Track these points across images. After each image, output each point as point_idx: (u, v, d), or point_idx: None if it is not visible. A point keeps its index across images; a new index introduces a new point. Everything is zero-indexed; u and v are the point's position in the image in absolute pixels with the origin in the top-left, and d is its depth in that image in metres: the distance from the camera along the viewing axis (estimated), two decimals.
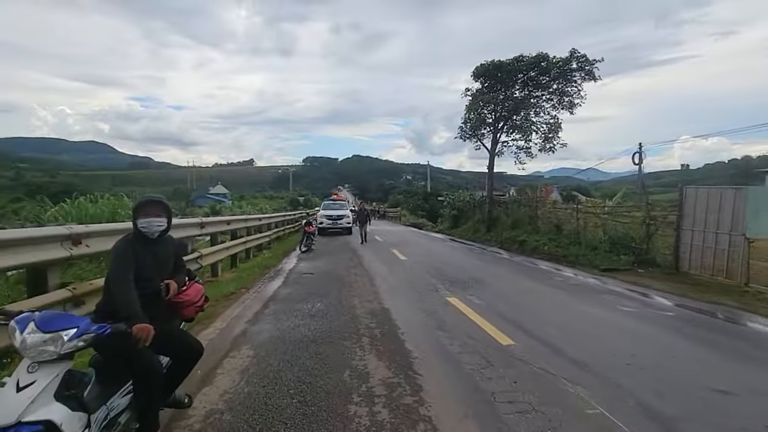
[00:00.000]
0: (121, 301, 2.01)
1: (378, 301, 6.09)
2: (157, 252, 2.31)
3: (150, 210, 2.28)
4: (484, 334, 4.51)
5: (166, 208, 2.34)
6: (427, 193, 61.74)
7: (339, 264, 9.95)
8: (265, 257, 11.05)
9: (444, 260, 10.83)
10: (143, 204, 2.31)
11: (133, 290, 2.05)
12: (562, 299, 6.47)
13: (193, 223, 6.29)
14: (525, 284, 7.79)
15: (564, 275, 8.91)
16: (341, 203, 22.21)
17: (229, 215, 15.91)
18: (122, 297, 2.02)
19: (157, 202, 2.34)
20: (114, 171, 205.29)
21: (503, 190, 34.30)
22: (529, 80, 17.55)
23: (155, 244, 2.31)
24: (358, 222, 16.22)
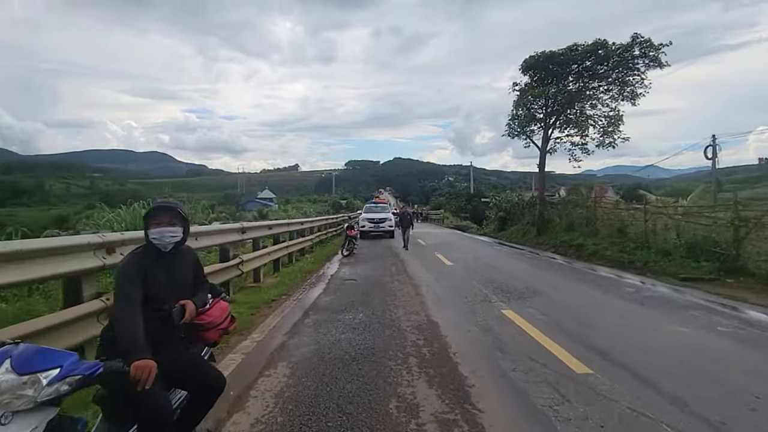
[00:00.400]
0: (120, 331, 1.69)
1: (425, 312, 5.57)
2: (172, 267, 1.98)
3: (162, 218, 1.95)
4: (552, 357, 3.85)
5: (181, 216, 2.00)
6: (471, 195, 60.06)
7: (382, 270, 9.54)
8: (307, 261, 10.90)
9: (494, 266, 10.07)
10: (154, 212, 1.98)
11: (136, 317, 1.72)
12: (642, 315, 5.57)
13: (234, 229, 6.16)
14: (591, 295, 6.90)
15: (635, 285, 7.86)
16: (383, 206, 21.89)
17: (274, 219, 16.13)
18: (122, 325, 1.70)
19: (169, 208, 2.01)
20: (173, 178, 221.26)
21: (552, 190, 32.33)
22: (584, 71, 16.20)
23: (170, 258, 1.97)
24: (401, 226, 15.29)
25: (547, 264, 11.01)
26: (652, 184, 75.13)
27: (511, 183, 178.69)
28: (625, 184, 57.37)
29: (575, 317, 5.35)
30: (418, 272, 9.09)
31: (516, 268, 9.85)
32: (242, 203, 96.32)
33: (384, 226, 19.56)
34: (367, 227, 18.89)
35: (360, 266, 10.21)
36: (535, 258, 12.29)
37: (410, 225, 15.07)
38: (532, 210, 20.39)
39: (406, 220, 15.12)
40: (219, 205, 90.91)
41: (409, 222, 15.07)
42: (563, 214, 16.93)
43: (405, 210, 16.58)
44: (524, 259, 11.96)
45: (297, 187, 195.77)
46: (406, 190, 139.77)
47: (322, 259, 11.56)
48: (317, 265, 10.49)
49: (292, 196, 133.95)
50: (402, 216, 15.49)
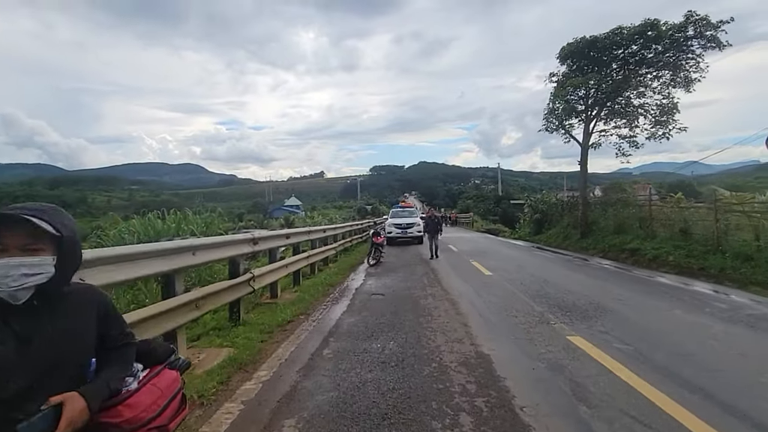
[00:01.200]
0: None
1: (470, 340, 4.51)
2: (38, 327, 1.07)
3: (9, 239, 1.04)
4: (662, 414, 2.72)
5: (51, 235, 1.08)
6: (499, 197, 57.98)
7: (412, 281, 8.52)
8: (330, 272, 10.04)
9: (541, 275, 8.83)
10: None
11: None
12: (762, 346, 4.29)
13: (243, 240, 5.34)
14: (675, 314, 5.59)
15: (723, 298, 6.47)
16: (410, 210, 20.85)
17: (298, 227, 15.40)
18: None
19: (21, 219, 1.03)
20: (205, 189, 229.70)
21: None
22: (629, 56, 14.65)
23: (36, 310, 1.08)
24: (427, 232, 13.35)
25: (602, 272, 9.63)
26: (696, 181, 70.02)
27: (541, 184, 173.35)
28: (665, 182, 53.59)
29: (668, 347, 4.14)
30: (454, 284, 8.01)
31: (568, 278, 8.56)
32: (270, 211, 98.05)
33: (412, 231, 18.52)
34: (393, 233, 17.93)
35: (388, 277, 9.23)
36: (585, 265, 10.89)
37: (438, 231, 13.18)
38: (573, 211, 18.78)
39: (432, 225, 13.12)
40: (248, 213, 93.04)
41: (436, 227, 13.11)
42: (610, 215, 15.35)
43: (432, 213, 14.16)
44: (573, 267, 10.60)
45: (323, 193, 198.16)
46: (431, 194, 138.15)
47: (346, 269, 10.67)
48: (341, 276, 9.60)
49: (318, 202, 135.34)
50: (428, 220, 13.54)
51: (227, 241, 4.89)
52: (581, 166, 16.64)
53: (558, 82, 16.06)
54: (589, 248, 14.73)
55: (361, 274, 9.99)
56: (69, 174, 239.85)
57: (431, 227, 13.15)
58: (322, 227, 10.45)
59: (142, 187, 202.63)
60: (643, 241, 12.36)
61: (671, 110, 13.89)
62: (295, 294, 7.35)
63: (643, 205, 13.55)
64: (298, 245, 8.55)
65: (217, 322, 5.49)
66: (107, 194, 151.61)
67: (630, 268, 10.08)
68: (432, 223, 13.27)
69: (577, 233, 16.71)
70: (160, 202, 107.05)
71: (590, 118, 15.78)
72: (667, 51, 13.98)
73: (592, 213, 16.42)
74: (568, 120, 16.38)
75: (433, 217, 13.62)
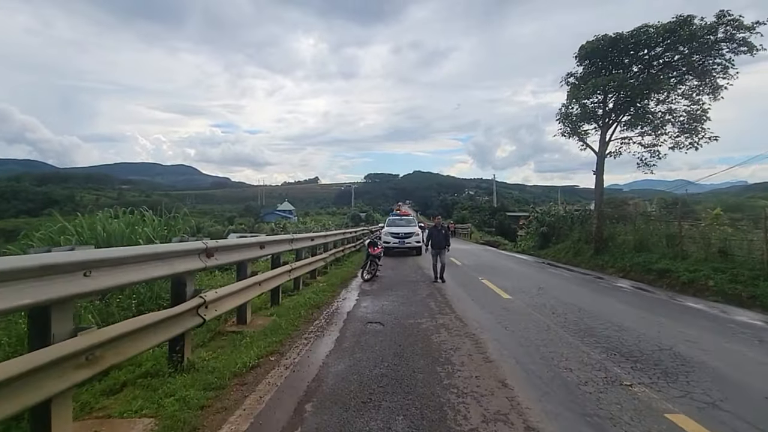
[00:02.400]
0: None
1: (520, 415, 2.95)
2: None
3: None
4: None
5: None
6: (495, 209, 56.88)
7: (417, 304, 6.96)
8: (318, 288, 8.43)
9: (570, 301, 7.32)
10: None
11: None
12: None
13: (188, 251, 3.74)
14: None
15: None
16: (408, 219, 19.35)
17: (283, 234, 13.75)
18: None
19: None
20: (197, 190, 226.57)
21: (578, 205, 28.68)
22: (653, 59, 13.44)
23: None
24: (431, 246, 10.29)
25: (639, 299, 8.13)
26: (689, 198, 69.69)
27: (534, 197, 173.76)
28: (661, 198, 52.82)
29: None
30: (470, 311, 6.47)
31: (606, 306, 7.04)
32: (262, 215, 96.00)
33: (410, 242, 17.01)
34: (390, 243, 16.39)
35: (386, 297, 7.65)
36: (614, 288, 9.39)
37: (445, 245, 10.18)
38: (585, 225, 17.43)
39: (438, 238, 10.19)
40: (239, 216, 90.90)
41: (443, 241, 10.15)
42: (630, 230, 13.98)
43: (439, 223, 11.04)
44: (602, 290, 9.11)
45: (317, 199, 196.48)
46: (425, 204, 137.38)
47: (336, 284, 9.08)
48: (330, 294, 8.00)
49: (312, 208, 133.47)
50: (434, 232, 10.48)
51: (157, 253, 3.29)
52: (597, 176, 15.28)
53: (573, 85, 14.80)
54: (606, 266, 13.32)
55: (354, 291, 8.40)
56: (59, 171, 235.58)
57: (437, 240, 10.22)
58: (309, 235, 8.84)
59: (133, 186, 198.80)
60: (672, 261, 10.97)
61: (700, 117, 12.63)
62: (271, 318, 5.76)
63: (671, 221, 12.18)
64: (278, 256, 6.97)
65: (156, 362, 3.90)
66: (96, 193, 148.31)
67: (675, 296, 8.60)
68: (438, 235, 10.34)
69: (590, 249, 15.31)
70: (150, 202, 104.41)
71: (608, 124, 14.50)
72: (694, 54, 12.77)
73: (608, 227, 15.05)
74: (583, 125, 15.10)
75: (439, 228, 10.62)
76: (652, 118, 13.09)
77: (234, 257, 4.74)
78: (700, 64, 12.84)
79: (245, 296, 5.09)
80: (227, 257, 4.48)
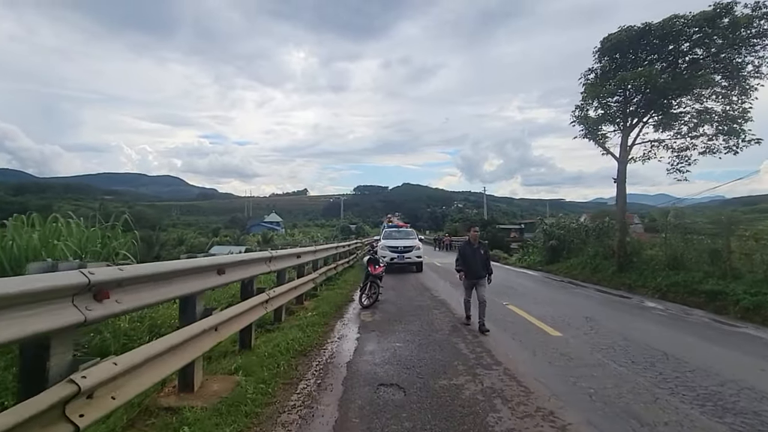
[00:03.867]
0: None
1: None
2: None
3: None
4: None
5: None
6: (486, 221, 55.79)
7: (442, 347, 5.08)
8: (306, 320, 6.46)
9: (646, 342, 5.51)
10: None
11: None
12: None
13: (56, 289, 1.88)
14: None
15: None
16: (407, 231, 17.52)
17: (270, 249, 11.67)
18: None
19: None
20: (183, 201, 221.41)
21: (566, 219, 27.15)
22: (679, 55, 12.11)
23: None
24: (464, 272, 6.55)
25: (724, 336, 6.36)
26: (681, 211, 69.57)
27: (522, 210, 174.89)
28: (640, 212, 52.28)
29: None
30: (521, 360, 4.62)
31: (700, 351, 5.20)
32: (248, 227, 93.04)
33: (410, 256, 15.18)
34: (388, 257, 14.51)
35: (396, 334, 5.77)
36: (678, 319, 7.57)
37: (486, 275, 6.45)
38: (603, 239, 15.87)
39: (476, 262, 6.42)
40: (225, 228, 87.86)
41: (483, 267, 6.43)
42: (660, 245, 12.42)
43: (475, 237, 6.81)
44: (664, 321, 7.31)
45: (305, 211, 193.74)
46: (415, 216, 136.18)
47: (330, 313, 7.14)
48: (321, 328, 6.07)
49: (300, 220, 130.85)
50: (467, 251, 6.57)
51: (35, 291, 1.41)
52: (618, 184, 13.75)
53: (592, 82, 13.36)
54: (634, 286, 11.68)
55: (353, 325, 6.49)
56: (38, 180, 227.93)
57: (474, 265, 6.39)
58: (294, 251, 6.89)
59: (116, 197, 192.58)
60: (720, 281, 9.36)
61: (740, 117, 11.23)
62: (233, 379, 3.83)
63: (714, 234, 10.62)
64: (251, 281, 5.05)
65: None
66: (76, 203, 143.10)
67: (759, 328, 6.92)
68: (474, 256, 6.43)
69: (611, 265, 13.69)
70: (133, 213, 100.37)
71: (630, 126, 13.06)
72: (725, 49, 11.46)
73: (634, 242, 13.48)
74: (602, 128, 13.65)
75: (476, 246, 6.55)
76: (686, 119, 11.67)
77: (160, 295, 2.81)
78: (730, 61, 11.55)
79: (186, 355, 3.16)
80: (133, 301, 2.53)
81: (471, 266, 6.44)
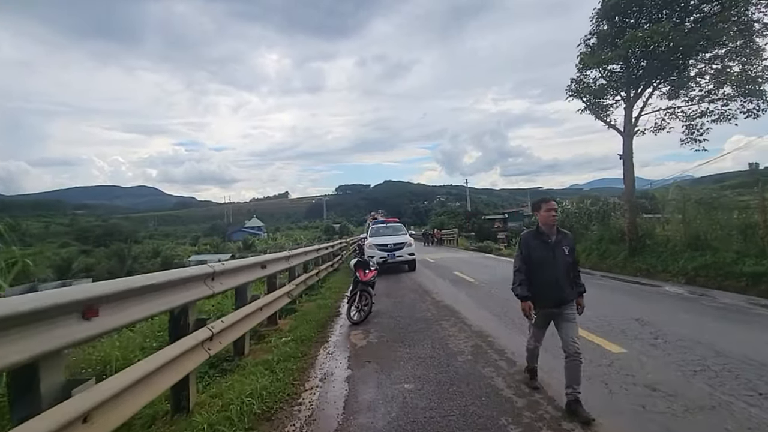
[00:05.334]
0: None
1: None
2: None
3: None
4: None
5: None
6: (470, 213, 55.03)
7: (473, 389, 3.51)
8: (279, 350, 4.77)
9: (731, 353, 4.11)
10: None
11: None
12: None
13: None
14: None
15: None
16: (396, 227, 15.93)
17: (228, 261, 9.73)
18: None
19: None
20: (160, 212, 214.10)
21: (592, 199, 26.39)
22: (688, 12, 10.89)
23: None
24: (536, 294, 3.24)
25: None
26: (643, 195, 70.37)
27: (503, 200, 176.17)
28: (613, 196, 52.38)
29: None
30: (587, 395, 3.09)
31: None
32: (229, 233, 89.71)
33: (401, 254, 13.63)
34: (377, 257, 12.88)
35: (402, 367, 4.17)
36: (741, 311, 6.26)
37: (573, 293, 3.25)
38: (606, 221, 14.70)
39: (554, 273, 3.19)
40: (204, 236, 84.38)
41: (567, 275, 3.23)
42: (678, 224, 11.21)
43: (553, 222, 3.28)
44: (724, 315, 5.97)
45: (288, 214, 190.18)
46: (398, 212, 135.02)
47: (310, 338, 5.47)
48: (296, 370, 4.37)
49: (283, 223, 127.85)
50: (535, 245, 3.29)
51: None
52: (624, 160, 12.51)
53: (591, 49, 12.03)
54: (653, 271, 10.48)
55: (341, 354, 4.85)
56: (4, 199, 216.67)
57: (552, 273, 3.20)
58: (254, 260, 5.13)
59: (89, 211, 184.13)
60: (760, 260, 8.16)
61: (761, 77, 10.07)
62: None
63: (746, 207, 9.41)
64: (184, 310, 3.36)
65: None
66: (46, 220, 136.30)
67: None
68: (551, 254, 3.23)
69: (621, 250, 12.49)
70: (107, 227, 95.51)
71: (637, 95, 11.82)
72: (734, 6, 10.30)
73: (645, 223, 12.29)
74: (605, 98, 12.38)
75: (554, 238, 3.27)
76: (701, 82, 10.45)
77: None
78: (740, 18, 10.41)
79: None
80: None
81: (546, 278, 3.18)
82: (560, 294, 3.18)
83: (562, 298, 3.18)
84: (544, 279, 3.18)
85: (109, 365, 3.85)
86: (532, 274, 3.23)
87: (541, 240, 3.27)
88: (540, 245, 3.25)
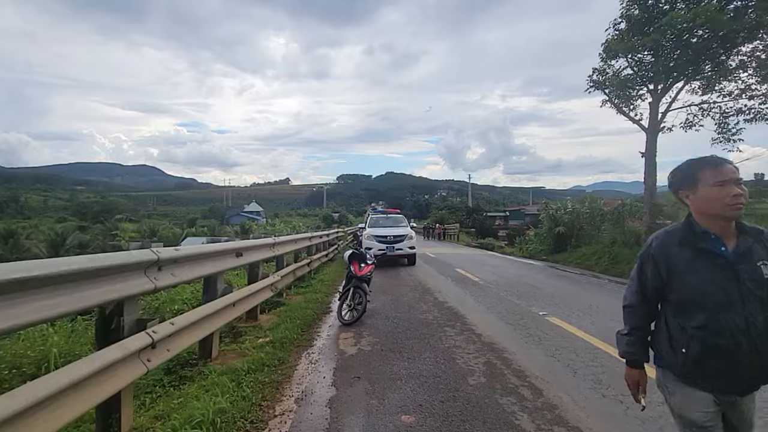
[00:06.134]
0: None
1: None
2: None
3: None
4: None
5: None
6: (471, 209, 54.35)
7: (487, 425, 2.72)
8: (248, 361, 3.97)
9: None
10: None
11: None
12: None
13: None
14: None
15: None
16: (396, 218, 15.08)
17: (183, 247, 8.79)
18: None
19: None
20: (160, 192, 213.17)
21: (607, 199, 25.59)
22: None
23: None
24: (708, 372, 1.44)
25: None
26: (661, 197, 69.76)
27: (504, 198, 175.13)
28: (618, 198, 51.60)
29: None
30: None
31: None
32: (227, 217, 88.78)
33: (401, 246, 12.81)
34: (376, 249, 12.05)
35: (399, 388, 3.37)
36: None
37: None
38: (620, 223, 13.86)
39: (735, 323, 1.39)
40: (203, 218, 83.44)
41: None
42: None
43: (737, 230, 1.48)
44: None
45: (288, 201, 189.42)
46: (399, 204, 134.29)
47: (291, 341, 4.64)
48: (268, 383, 3.56)
49: (282, 209, 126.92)
50: (693, 274, 1.46)
51: None
52: (646, 159, 11.63)
53: (620, 32, 11.05)
54: None
55: (326, 365, 4.03)
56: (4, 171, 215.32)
57: (728, 325, 1.39)
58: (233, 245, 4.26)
59: (89, 187, 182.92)
60: None
61: None
62: None
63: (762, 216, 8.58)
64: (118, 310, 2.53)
65: None
66: (45, 194, 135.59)
67: None
68: (725, 283, 1.42)
69: (634, 254, 11.60)
70: (105, 203, 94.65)
71: (666, 88, 10.89)
72: None
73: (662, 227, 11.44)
74: (629, 90, 11.44)
75: (743, 245, 1.46)
76: (742, 75, 9.52)
77: None
78: None
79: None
80: None
81: (722, 330, 1.41)
82: (758, 368, 1.42)
83: (758, 377, 1.45)
84: (717, 330, 1.41)
85: None
86: (683, 317, 1.49)
87: (699, 249, 1.47)
88: (700, 259, 1.47)
